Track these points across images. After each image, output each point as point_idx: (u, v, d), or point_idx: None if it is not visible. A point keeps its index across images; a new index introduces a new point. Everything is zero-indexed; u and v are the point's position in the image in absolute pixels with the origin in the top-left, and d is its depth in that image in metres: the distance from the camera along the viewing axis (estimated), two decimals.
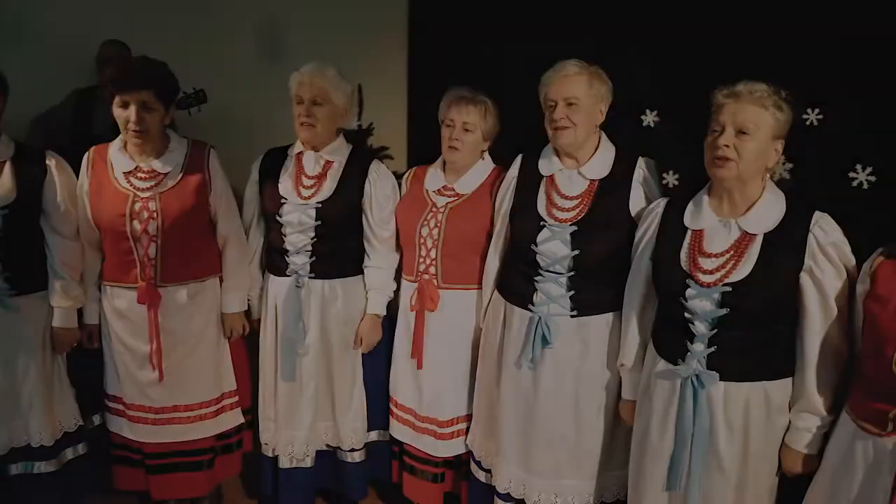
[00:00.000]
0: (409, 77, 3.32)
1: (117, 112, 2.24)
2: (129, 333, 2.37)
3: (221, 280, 2.47)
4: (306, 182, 2.40)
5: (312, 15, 3.38)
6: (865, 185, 2.29)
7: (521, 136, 2.28)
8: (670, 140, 2.58)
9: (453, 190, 2.38)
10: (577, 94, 2.07)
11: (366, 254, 2.47)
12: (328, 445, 2.57)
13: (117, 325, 2.38)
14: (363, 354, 2.50)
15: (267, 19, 3.45)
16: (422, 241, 2.36)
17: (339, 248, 2.42)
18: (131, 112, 2.20)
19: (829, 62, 2.31)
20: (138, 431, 2.45)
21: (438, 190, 2.40)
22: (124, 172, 2.30)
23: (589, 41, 2.52)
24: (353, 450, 2.53)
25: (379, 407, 2.53)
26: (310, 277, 2.40)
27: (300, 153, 2.44)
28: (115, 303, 2.36)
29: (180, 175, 2.33)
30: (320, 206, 2.37)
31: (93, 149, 2.36)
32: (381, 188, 2.41)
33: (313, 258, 2.39)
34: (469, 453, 2.43)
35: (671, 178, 2.55)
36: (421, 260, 2.37)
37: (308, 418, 2.49)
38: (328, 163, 2.42)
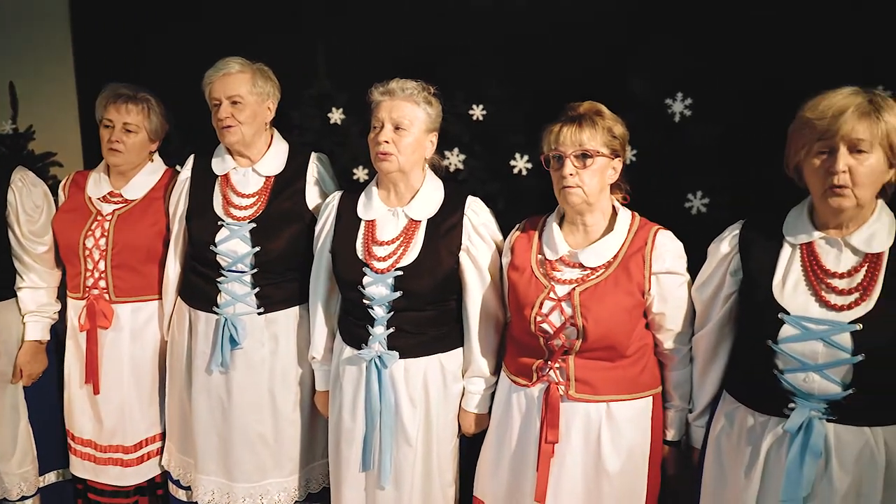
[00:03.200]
0: (77, 74, 2.98)
1: None
2: None
3: None
4: None
5: None
6: (524, 172, 2.63)
7: (202, 133, 2.19)
8: (358, 136, 2.69)
9: (121, 196, 2.22)
10: (241, 91, 2.05)
11: (17, 274, 2.19)
12: None
13: None
14: (25, 388, 2.22)
15: None
16: (87, 253, 2.16)
17: None
18: None
19: (490, 64, 2.60)
20: None
21: (104, 196, 2.22)
22: None
23: (276, 37, 2.50)
24: (23, 498, 2.23)
25: (53, 445, 2.27)
26: None
27: None
28: None
29: None
30: None
31: None
32: (28, 197, 2.15)
33: None
34: (165, 474, 2.28)
35: (361, 174, 2.66)
36: (88, 274, 2.17)
37: None
38: None
